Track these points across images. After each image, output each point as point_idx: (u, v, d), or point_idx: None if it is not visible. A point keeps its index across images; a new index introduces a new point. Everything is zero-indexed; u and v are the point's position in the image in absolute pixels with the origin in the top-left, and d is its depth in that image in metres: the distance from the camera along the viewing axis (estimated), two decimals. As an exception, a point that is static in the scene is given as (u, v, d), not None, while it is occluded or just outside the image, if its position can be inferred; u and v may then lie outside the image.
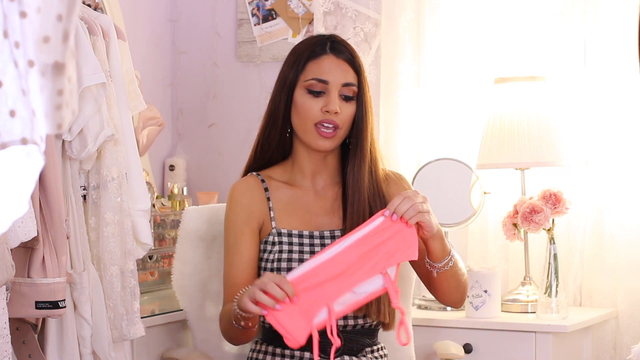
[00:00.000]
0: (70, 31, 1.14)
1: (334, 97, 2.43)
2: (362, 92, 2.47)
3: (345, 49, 2.48)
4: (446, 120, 3.46)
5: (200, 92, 3.91)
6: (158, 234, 3.22)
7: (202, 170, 3.90)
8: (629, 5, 3.20)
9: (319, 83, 2.44)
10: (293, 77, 2.47)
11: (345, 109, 2.45)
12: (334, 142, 2.46)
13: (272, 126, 2.51)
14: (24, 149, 1.10)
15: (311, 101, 2.44)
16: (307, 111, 2.44)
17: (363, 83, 2.47)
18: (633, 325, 3.20)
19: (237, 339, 2.45)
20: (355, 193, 2.46)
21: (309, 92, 2.45)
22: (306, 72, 2.46)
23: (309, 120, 2.44)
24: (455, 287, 2.46)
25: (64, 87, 1.12)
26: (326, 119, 2.43)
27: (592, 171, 3.29)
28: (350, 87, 2.46)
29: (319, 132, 2.44)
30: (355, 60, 2.48)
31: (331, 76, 2.44)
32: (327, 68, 2.45)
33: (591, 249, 3.29)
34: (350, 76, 2.46)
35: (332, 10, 3.62)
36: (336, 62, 2.46)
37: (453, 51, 3.45)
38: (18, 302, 2.20)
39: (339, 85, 2.44)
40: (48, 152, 2.18)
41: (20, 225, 2.11)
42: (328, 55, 2.46)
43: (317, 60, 2.46)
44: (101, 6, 3.40)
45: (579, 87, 3.31)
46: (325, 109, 2.42)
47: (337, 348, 2.24)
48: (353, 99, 2.46)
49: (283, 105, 2.48)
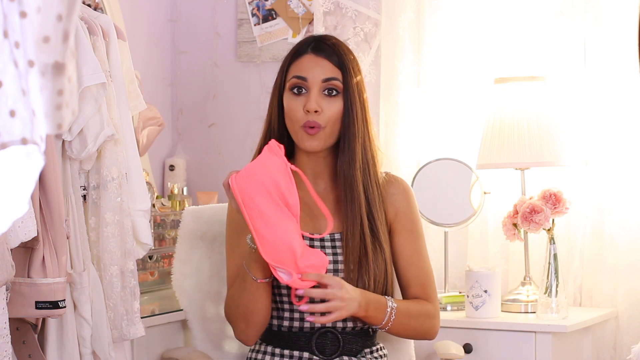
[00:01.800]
0: (70, 31, 1.14)
1: (313, 95, 2.42)
2: (347, 87, 2.43)
3: (328, 47, 2.46)
4: (446, 120, 3.46)
5: (200, 92, 3.91)
6: (158, 234, 3.22)
7: (202, 170, 3.90)
8: (629, 5, 3.20)
9: (298, 80, 2.44)
10: (280, 81, 2.49)
11: (328, 106, 2.43)
12: (320, 141, 2.43)
13: (271, 133, 2.51)
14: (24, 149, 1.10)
15: (294, 101, 2.44)
16: (292, 112, 2.44)
17: (348, 78, 2.44)
18: (633, 325, 3.20)
19: (251, 310, 2.40)
20: (347, 191, 2.44)
21: (291, 91, 2.45)
22: (289, 73, 2.47)
23: (296, 121, 2.44)
24: (413, 331, 2.50)
25: (64, 87, 1.12)
26: (308, 120, 2.42)
27: (592, 171, 3.29)
28: (331, 81, 2.43)
29: (306, 131, 2.43)
30: (338, 57, 2.45)
31: (310, 73, 2.44)
32: (306, 66, 2.45)
33: (591, 249, 3.29)
34: (329, 71, 2.44)
35: (332, 10, 3.62)
36: (315, 60, 2.45)
37: (453, 51, 3.45)
38: (18, 302, 2.20)
39: (318, 82, 2.43)
40: (48, 152, 2.18)
41: (20, 225, 2.11)
42: (308, 54, 2.46)
43: (298, 60, 2.47)
44: (101, 6, 3.40)
45: (579, 87, 3.31)
46: (305, 108, 2.42)
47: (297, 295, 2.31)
48: (339, 94, 2.45)
49: (276, 111, 2.49)
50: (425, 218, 3.28)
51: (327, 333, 2.45)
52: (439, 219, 3.30)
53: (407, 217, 2.54)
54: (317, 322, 2.38)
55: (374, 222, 2.46)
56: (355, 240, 2.43)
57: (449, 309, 3.21)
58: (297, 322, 2.45)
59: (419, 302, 2.52)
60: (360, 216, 2.43)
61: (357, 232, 2.43)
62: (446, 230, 3.31)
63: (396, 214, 2.53)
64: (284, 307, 2.45)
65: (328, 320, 2.33)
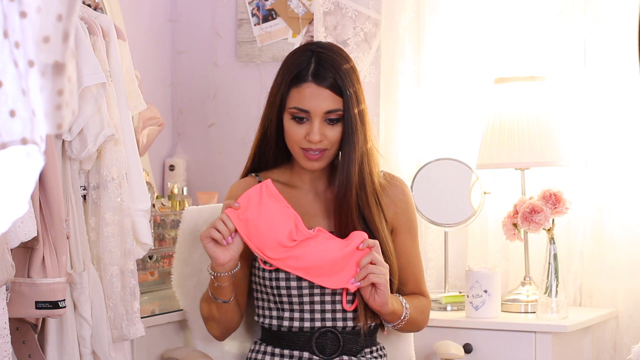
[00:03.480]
0: (70, 31, 1.13)
1: (315, 127, 2.41)
2: (347, 114, 2.42)
3: (330, 71, 2.42)
4: (446, 120, 3.46)
5: (200, 92, 3.91)
6: (158, 234, 3.22)
7: (202, 170, 3.90)
8: (629, 5, 3.20)
9: (299, 112, 2.43)
10: (280, 100, 2.46)
11: (331, 133, 2.43)
12: (322, 162, 2.47)
13: (267, 145, 2.53)
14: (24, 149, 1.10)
15: (295, 127, 2.44)
16: (293, 137, 2.44)
17: (349, 103, 2.42)
18: (633, 325, 3.20)
19: (218, 318, 2.52)
20: (342, 212, 2.46)
21: (293, 118, 2.44)
22: (289, 98, 2.44)
23: (295, 144, 2.45)
24: (416, 327, 2.58)
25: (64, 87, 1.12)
26: (310, 147, 2.43)
27: (592, 171, 3.29)
28: (333, 112, 2.42)
29: (306, 155, 2.45)
30: (338, 83, 2.42)
31: (312, 105, 2.41)
32: (308, 97, 2.42)
33: (591, 249, 3.29)
34: (332, 103, 2.42)
35: (332, 10, 3.62)
36: (317, 91, 2.42)
37: (453, 51, 3.45)
38: (18, 302, 2.20)
39: (321, 114, 2.42)
40: (48, 152, 2.18)
41: (20, 225, 2.11)
42: (309, 83, 2.42)
43: (299, 88, 2.43)
44: (101, 6, 3.40)
45: (579, 87, 3.31)
46: (308, 139, 2.42)
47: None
48: (340, 120, 2.44)
49: (275, 125, 2.49)
50: (425, 218, 3.28)
51: (327, 333, 2.45)
52: (439, 219, 3.30)
53: (405, 216, 2.57)
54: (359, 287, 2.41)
55: (370, 223, 2.47)
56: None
57: (449, 309, 3.21)
58: (297, 322, 2.45)
59: (420, 298, 2.58)
60: (353, 219, 2.46)
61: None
62: (446, 230, 3.31)
63: (395, 213, 2.55)
64: (284, 307, 2.46)
65: (372, 282, 2.38)
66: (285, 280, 2.43)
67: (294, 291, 2.43)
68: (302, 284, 2.42)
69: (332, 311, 2.45)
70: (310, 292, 2.43)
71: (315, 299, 2.44)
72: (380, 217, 2.49)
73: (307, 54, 2.46)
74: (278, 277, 2.43)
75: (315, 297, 2.43)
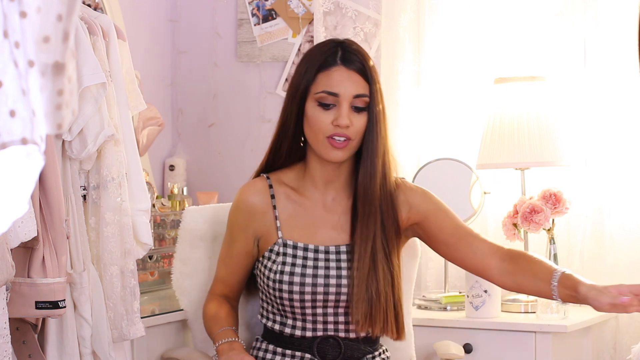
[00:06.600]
0: (70, 31, 1.13)
1: (344, 111, 2.37)
2: (373, 102, 2.40)
3: (357, 58, 2.41)
4: (446, 120, 3.46)
5: (200, 92, 3.91)
6: (158, 234, 3.22)
7: (202, 170, 3.90)
8: (629, 5, 3.21)
9: (329, 96, 2.38)
10: (304, 88, 2.41)
11: (357, 121, 2.39)
12: (346, 152, 2.41)
13: (284, 136, 2.47)
14: (24, 149, 1.10)
15: (322, 114, 2.39)
16: (318, 124, 2.39)
17: (375, 93, 2.40)
18: (633, 325, 3.20)
19: None
20: (366, 206, 2.42)
21: (320, 104, 2.39)
22: (316, 83, 2.40)
23: (321, 132, 2.39)
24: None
25: (64, 87, 1.12)
26: (337, 132, 2.38)
27: (592, 171, 3.29)
28: (361, 98, 2.39)
29: (331, 143, 2.38)
30: (367, 70, 2.41)
31: (342, 88, 2.38)
32: (337, 80, 2.38)
33: (591, 249, 3.29)
34: (361, 87, 2.39)
35: (332, 10, 3.62)
36: (347, 74, 2.39)
37: (453, 51, 3.45)
38: (18, 302, 2.20)
39: (349, 97, 2.38)
40: (48, 152, 2.18)
41: (20, 225, 2.11)
42: (339, 66, 2.39)
43: (328, 71, 2.39)
44: (101, 6, 3.40)
45: (579, 87, 3.31)
46: (336, 123, 2.37)
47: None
48: (365, 109, 2.40)
49: (295, 116, 2.43)
50: (425, 218, 3.28)
51: (328, 339, 2.44)
52: (439, 219, 3.30)
53: (430, 202, 2.52)
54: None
55: (385, 238, 2.44)
56: (367, 256, 2.41)
57: (449, 309, 3.21)
58: (299, 330, 2.44)
59: (524, 257, 2.46)
60: (374, 232, 2.42)
61: (369, 248, 2.41)
62: (446, 230, 3.31)
63: (411, 206, 2.49)
64: (287, 315, 2.45)
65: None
66: (288, 293, 2.41)
67: (297, 303, 2.41)
68: (305, 296, 2.41)
69: (334, 322, 2.44)
70: (313, 304, 2.42)
71: (317, 311, 2.43)
72: (392, 226, 2.47)
73: (331, 44, 2.45)
74: (282, 289, 2.41)
75: (317, 309, 2.42)
